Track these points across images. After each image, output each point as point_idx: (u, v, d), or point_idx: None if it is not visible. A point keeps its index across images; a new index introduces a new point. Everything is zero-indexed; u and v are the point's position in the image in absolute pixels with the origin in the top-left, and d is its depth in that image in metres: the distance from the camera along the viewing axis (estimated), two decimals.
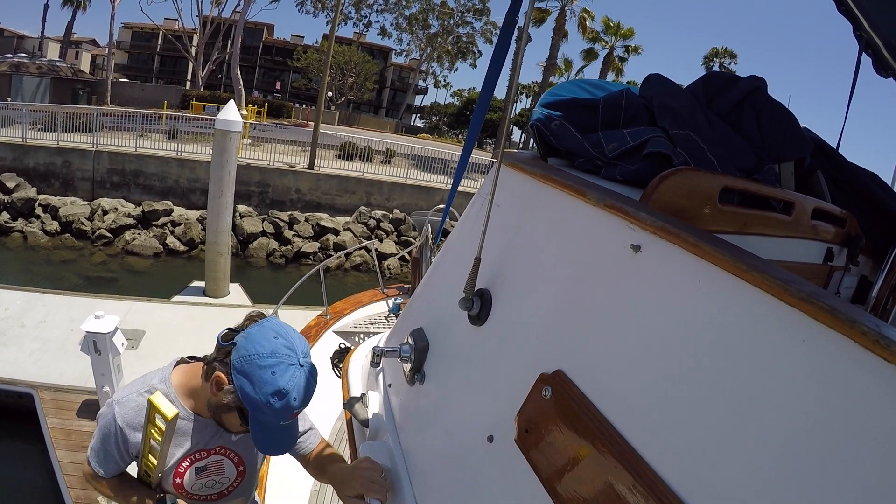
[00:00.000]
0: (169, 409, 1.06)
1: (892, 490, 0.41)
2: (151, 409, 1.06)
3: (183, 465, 1.16)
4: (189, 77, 33.65)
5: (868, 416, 0.44)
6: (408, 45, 35.23)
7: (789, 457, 0.48)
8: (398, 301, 3.51)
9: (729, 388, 0.54)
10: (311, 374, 1.03)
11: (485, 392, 0.91)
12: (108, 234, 11.27)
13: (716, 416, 0.54)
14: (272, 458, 2.73)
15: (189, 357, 1.22)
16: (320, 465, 1.25)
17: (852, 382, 0.45)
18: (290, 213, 12.63)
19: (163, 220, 11.90)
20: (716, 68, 29.79)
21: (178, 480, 1.17)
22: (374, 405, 1.35)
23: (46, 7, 31.22)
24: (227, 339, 1.05)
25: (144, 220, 11.84)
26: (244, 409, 1.02)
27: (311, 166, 13.03)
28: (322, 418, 2.06)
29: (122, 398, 1.12)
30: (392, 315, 3.42)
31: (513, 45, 1.12)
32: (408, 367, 1.16)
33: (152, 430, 1.09)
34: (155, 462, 1.14)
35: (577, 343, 0.75)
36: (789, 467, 0.48)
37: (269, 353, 0.99)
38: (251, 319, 1.09)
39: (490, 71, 1.10)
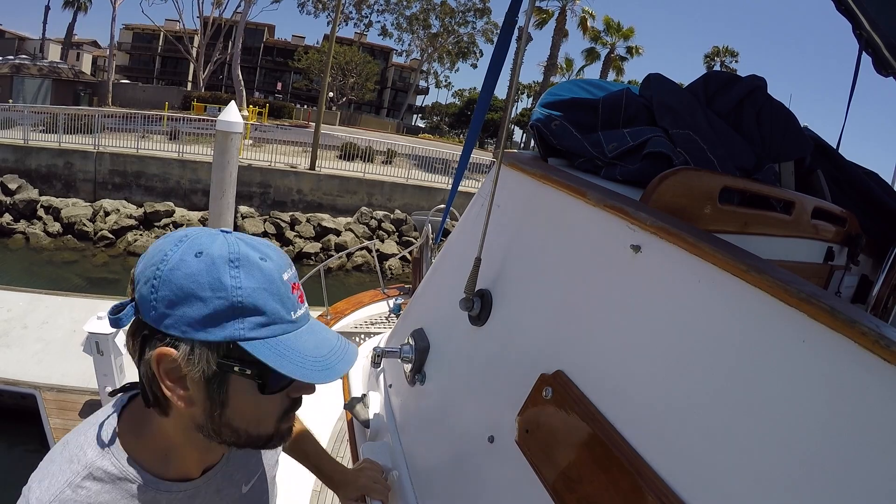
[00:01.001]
0: None
1: (892, 490, 0.41)
2: None
3: None
4: (190, 78, 33.71)
5: (868, 416, 0.44)
6: (409, 45, 35.27)
7: (789, 457, 0.48)
8: (399, 301, 3.52)
9: (729, 389, 0.54)
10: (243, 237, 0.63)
11: (485, 392, 0.91)
12: (110, 236, 11.30)
13: (716, 417, 0.54)
14: None
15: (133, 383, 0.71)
16: (314, 463, 1.02)
17: (852, 382, 0.45)
18: (291, 213, 12.64)
19: (164, 221, 11.92)
20: (717, 67, 29.75)
21: None
22: (375, 406, 1.35)
23: (47, 9, 31.32)
24: (118, 312, 0.59)
25: (146, 221, 11.86)
26: (227, 350, 0.57)
27: (312, 167, 13.04)
28: (323, 419, 2.06)
29: (42, 500, 0.61)
30: (393, 315, 3.42)
31: (513, 45, 1.12)
32: (408, 367, 1.16)
33: None
34: None
35: (577, 343, 0.75)
36: (789, 467, 0.48)
37: (164, 252, 0.58)
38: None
39: (490, 71, 1.10)
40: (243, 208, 12.13)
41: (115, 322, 0.58)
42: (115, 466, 0.63)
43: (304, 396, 0.67)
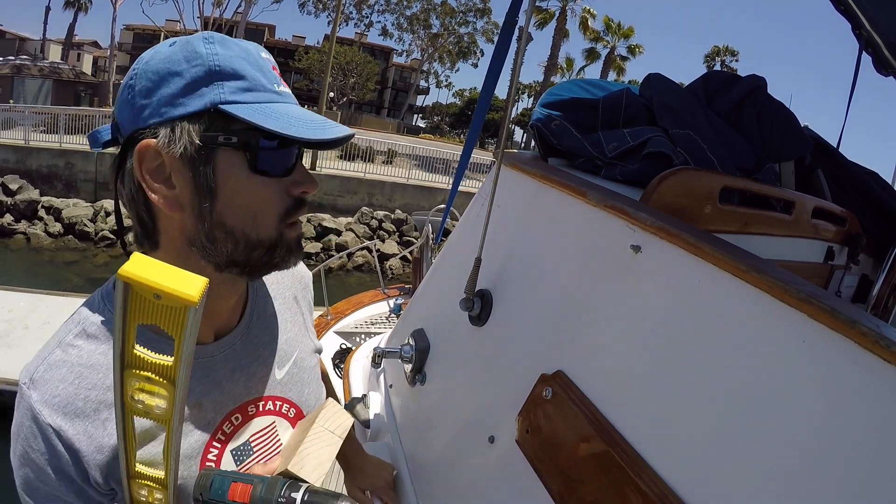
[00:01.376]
0: (182, 282, 0.43)
1: (892, 490, 0.41)
2: (125, 311, 0.44)
3: (208, 458, 0.63)
4: None
5: (868, 417, 0.44)
6: (409, 45, 35.27)
7: (789, 457, 0.48)
8: (399, 301, 3.52)
9: (729, 389, 0.54)
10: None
11: (486, 392, 0.91)
12: (111, 236, 11.31)
13: (716, 417, 0.54)
14: None
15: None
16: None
17: (852, 382, 0.45)
18: None
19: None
20: (717, 66, 29.74)
21: None
22: (376, 406, 1.35)
23: (48, 9, 31.35)
24: (95, 145, 0.57)
25: None
26: (209, 120, 0.52)
27: (312, 167, 13.05)
28: None
29: (36, 372, 0.56)
30: (393, 315, 3.42)
31: (513, 46, 1.12)
32: (409, 367, 1.16)
33: (136, 387, 0.48)
34: (161, 464, 0.55)
35: (577, 343, 0.75)
36: (789, 467, 0.48)
37: (138, 57, 0.55)
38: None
39: (490, 71, 1.10)
40: None
41: (93, 138, 0.56)
42: (110, 318, 0.56)
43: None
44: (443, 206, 2.01)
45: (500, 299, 0.93)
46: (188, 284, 0.42)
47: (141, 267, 0.42)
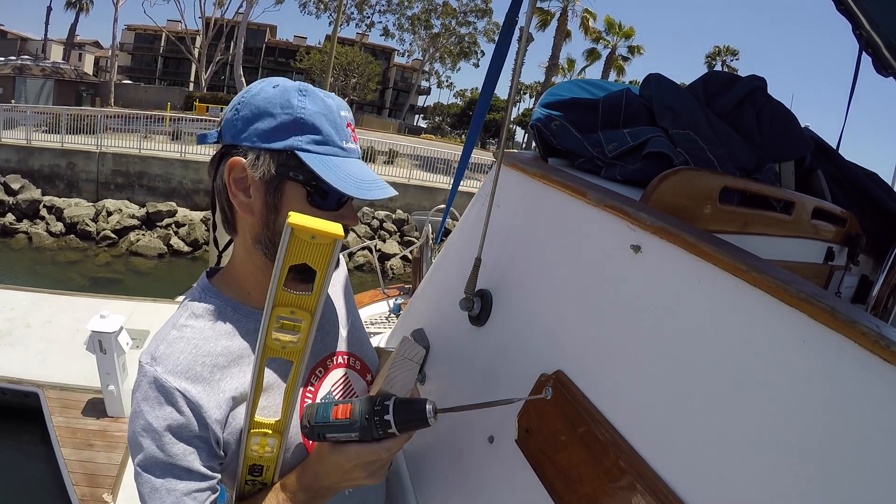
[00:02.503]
0: (329, 224, 0.59)
1: (892, 490, 0.41)
2: (286, 252, 0.58)
3: (305, 405, 0.75)
4: (192, 78, 33.79)
5: (868, 417, 0.44)
6: (410, 45, 35.28)
7: (789, 457, 0.48)
8: (399, 301, 3.52)
9: (729, 389, 0.54)
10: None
11: (486, 393, 0.91)
12: (113, 235, 11.33)
13: (716, 417, 0.54)
14: None
15: (210, 270, 0.81)
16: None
17: (852, 382, 0.45)
18: None
19: (167, 221, 11.95)
20: (718, 66, 29.72)
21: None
22: None
23: (49, 10, 31.40)
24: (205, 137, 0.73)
25: (149, 221, 11.89)
26: (286, 158, 0.67)
27: None
28: None
29: (157, 350, 0.67)
30: (393, 315, 3.43)
31: (514, 46, 1.12)
32: None
33: (277, 325, 0.62)
34: (277, 411, 0.70)
35: (577, 343, 0.75)
36: (789, 467, 0.48)
37: (250, 86, 0.72)
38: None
39: (490, 71, 1.10)
40: None
41: (202, 138, 0.73)
42: (212, 302, 0.73)
43: None
44: (443, 206, 2.01)
45: (500, 299, 0.93)
46: (334, 226, 0.59)
47: (302, 217, 0.58)
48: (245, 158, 0.68)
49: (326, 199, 0.71)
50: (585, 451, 0.65)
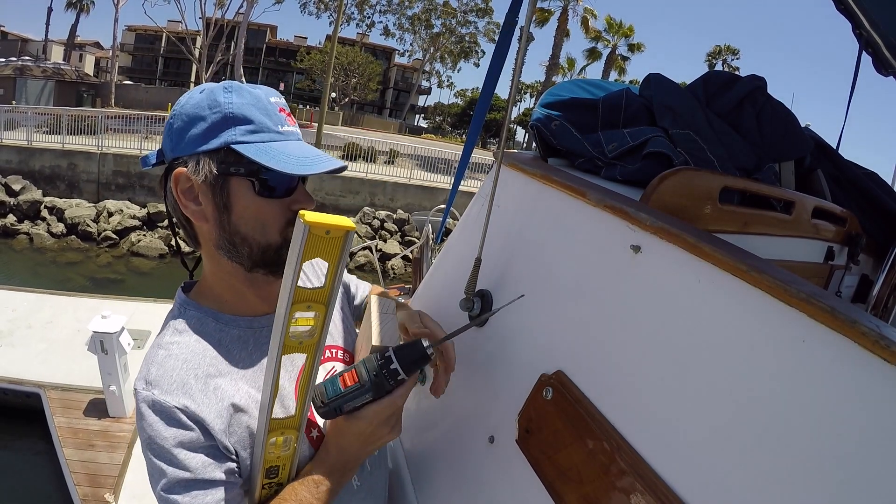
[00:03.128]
0: (340, 218, 0.61)
1: (892, 490, 0.42)
2: (301, 250, 0.58)
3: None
4: (193, 79, 33.79)
5: (868, 417, 0.44)
6: (411, 45, 35.28)
7: (789, 457, 0.48)
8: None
9: (729, 389, 0.54)
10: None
11: (486, 393, 0.91)
12: (114, 236, 11.34)
13: (716, 417, 0.55)
14: None
15: (186, 284, 0.82)
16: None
17: (852, 382, 0.45)
18: None
19: (167, 221, 11.95)
20: (719, 65, 29.69)
21: (313, 433, 0.78)
22: None
23: (50, 10, 31.43)
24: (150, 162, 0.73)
25: (150, 222, 11.90)
26: (224, 155, 0.67)
27: None
28: None
29: (149, 375, 0.67)
30: None
31: (514, 45, 1.12)
32: None
33: (293, 322, 0.63)
34: (292, 407, 0.72)
35: (577, 344, 0.75)
36: (789, 467, 0.48)
37: (178, 100, 0.72)
38: None
39: (490, 71, 1.10)
40: None
41: (144, 161, 0.73)
42: (192, 315, 0.73)
43: None
44: (443, 206, 2.01)
45: (500, 299, 0.93)
46: (344, 220, 0.61)
47: (314, 215, 0.59)
48: (186, 168, 0.68)
49: (275, 188, 0.70)
50: (585, 451, 0.66)
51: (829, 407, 0.46)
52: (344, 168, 0.72)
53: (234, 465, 0.69)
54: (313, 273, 0.91)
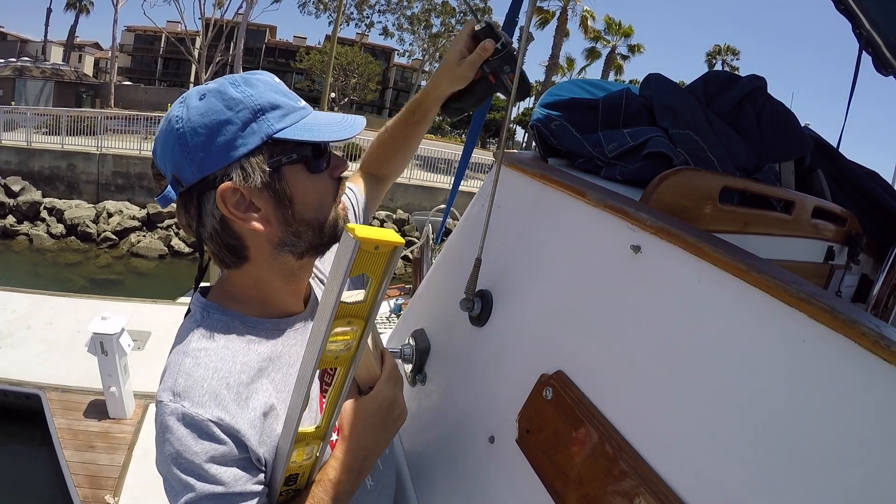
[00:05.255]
0: (389, 233, 0.57)
1: (892, 490, 0.42)
2: (349, 265, 0.55)
3: (322, 404, 0.74)
4: (192, 79, 33.75)
5: (868, 417, 0.44)
6: (410, 45, 35.26)
7: (789, 457, 0.48)
8: (399, 302, 3.52)
9: (729, 389, 0.54)
10: None
11: (486, 393, 0.91)
12: (114, 237, 11.35)
13: (716, 417, 0.55)
14: None
15: (202, 289, 0.75)
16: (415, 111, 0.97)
17: (852, 382, 0.45)
18: None
19: (167, 222, 11.96)
20: (718, 65, 29.70)
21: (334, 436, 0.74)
22: None
23: (49, 11, 31.39)
24: (160, 196, 0.66)
25: (149, 223, 11.91)
26: (268, 148, 0.63)
27: None
28: None
29: (176, 385, 0.62)
30: (393, 315, 3.43)
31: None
32: (409, 367, 1.16)
33: (332, 338, 0.60)
34: (316, 420, 0.69)
35: (577, 344, 0.75)
36: (789, 467, 0.48)
37: (171, 119, 0.65)
38: None
39: None
40: None
41: (162, 200, 0.65)
42: (217, 319, 0.68)
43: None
44: (443, 206, 2.01)
45: (500, 299, 0.93)
46: (393, 235, 0.58)
47: (364, 229, 0.56)
48: (231, 179, 0.62)
49: (322, 161, 0.68)
50: (585, 451, 0.66)
51: (829, 407, 0.46)
52: (363, 122, 0.71)
53: (263, 474, 0.66)
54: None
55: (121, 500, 3.79)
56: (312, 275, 0.83)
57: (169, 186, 0.64)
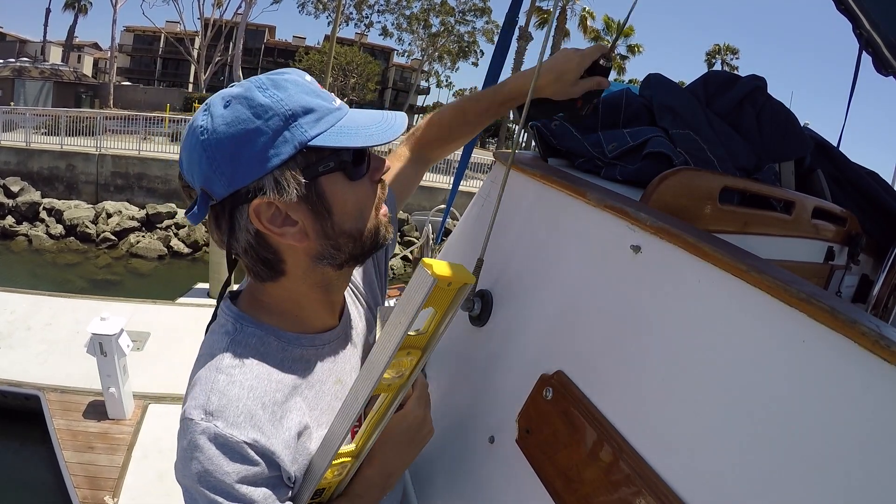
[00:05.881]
0: (463, 271, 0.58)
1: (892, 490, 0.42)
2: (424, 301, 0.56)
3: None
4: (191, 79, 33.77)
5: (868, 417, 0.44)
6: (409, 45, 35.28)
7: (789, 457, 0.48)
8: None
9: (729, 389, 0.54)
10: None
11: (486, 393, 0.91)
12: (113, 237, 11.34)
13: (716, 417, 0.55)
14: None
15: (231, 294, 0.72)
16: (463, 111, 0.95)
17: (852, 382, 0.45)
18: None
19: (167, 222, 11.95)
20: (718, 65, 29.73)
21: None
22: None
23: (48, 11, 31.37)
24: (189, 212, 0.62)
25: (148, 223, 11.90)
26: (303, 158, 0.59)
27: None
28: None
29: (209, 404, 0.59)
30: None
31: (514, 45, 1.12)
32: None
33: (391, 365, 0.60)
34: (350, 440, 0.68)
35: (577, 344, 0.75)
36: (790, 468, 0.48)
37: (196, 128, 0.59)
38: None
39: (491, 71, 1.10)
40: None
41: (193, 217, 0.61)
42: (252, 333, 0.65)
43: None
44: (443, 206, 2.01)
45: (500, 300, 0.93)
46: (465, 272, 0.58)
47: (440, 267, 0.55)
48: (264, 193, 0.58)
49: (361, 166, 0.63)
50: (585, 451, 0.66)
51: (829, 407, 0.46)
52: (405, 122, 0.67)
53: (291, 491, 0.65)
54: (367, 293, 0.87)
55: (120, 500, 3.79)
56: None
57: (198, 201, 0.60)
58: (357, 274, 0.86)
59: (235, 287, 0.75)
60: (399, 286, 4.01)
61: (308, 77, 0.62)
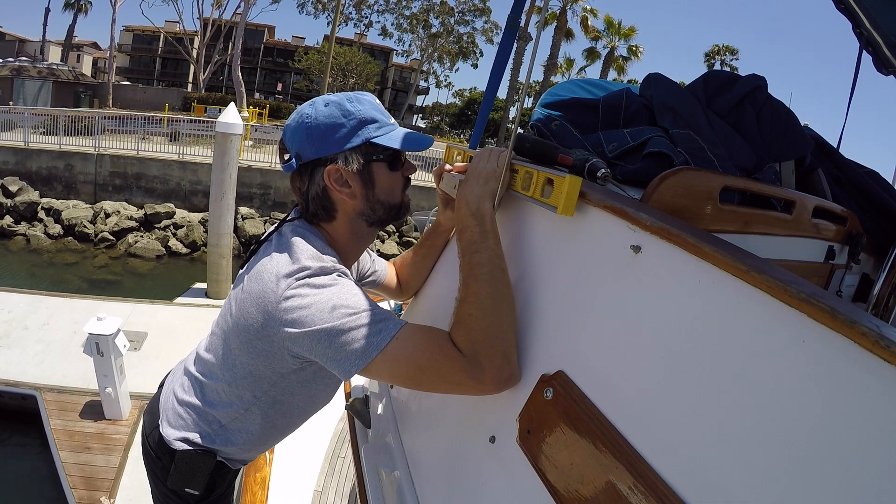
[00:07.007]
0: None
1: (892, 491, 0.41)
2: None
3: None
4: (190, 79, 33.76)
5: (868, 417, 0.44)
6: (409, 45, 35.31)
7: (789, 457, 0.48)
8: (399, 302, 3.51)
9: (729, 389, 0.54)
10: None
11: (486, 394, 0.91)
12: (111, 237, 11.32)
13: (716, 417, 0.54)
14: (275, 457, 2.74)
15: (288, 219, 1.02)
16: (426, 247, 1.27)
17: (852, 382, 0.45)
18: None
19: (165, 222, 11.94)
20: (717, 65, 29.77)
21: None
22: (377, 406, 1.35)
23: (48, 11, 31.32)
24: (285, 163, 0.95)
25: (147, 223, 11.88)
26: (366, 148, 0.92)
27: None
28: (324, 419, 2.06)
29: (300, 260, 0.87)
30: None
31: (514, 46, 1.12)
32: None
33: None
34: None
35: (578, 344, 0.75)
36: (789, 467, 0.48)
37: (303, 115, 0.94)
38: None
39: (493, 71, 1.10)
40: (244, 209, 12.13)
41: (289, 167, 0.94)
42: (322, 250, 0.91)
43: None
44: None
45: None
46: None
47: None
48: (336, 163, 0.91)
49: (399, 163, 0.98)
50: (586, 451, 0.65)
51: (828, 407, 0.46)
52: (431, 142, 0.99)
53: None
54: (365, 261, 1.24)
55: (116, 501, 3.79)
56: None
57: (293, 159, 0.93)
58: (355, 267, 1.19)
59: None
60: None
61: (377, 100, 0.97)
